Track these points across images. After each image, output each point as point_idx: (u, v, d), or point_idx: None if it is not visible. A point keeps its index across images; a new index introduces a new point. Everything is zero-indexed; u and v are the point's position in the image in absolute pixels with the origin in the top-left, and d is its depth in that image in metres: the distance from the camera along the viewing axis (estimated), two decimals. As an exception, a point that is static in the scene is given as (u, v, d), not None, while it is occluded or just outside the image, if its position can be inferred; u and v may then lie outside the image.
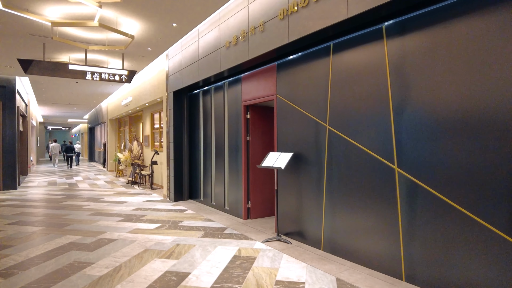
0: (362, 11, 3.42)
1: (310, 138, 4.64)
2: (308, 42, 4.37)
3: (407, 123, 3.44)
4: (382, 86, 3.65)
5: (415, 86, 3.36)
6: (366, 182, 3.85)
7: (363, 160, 3.88)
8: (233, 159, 6.50)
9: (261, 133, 6.31)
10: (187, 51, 7.38)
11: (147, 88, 10.49)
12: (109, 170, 16.88)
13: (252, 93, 5.88)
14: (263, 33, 4.83)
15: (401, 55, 3.48)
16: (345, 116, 4.09)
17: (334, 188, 4.26)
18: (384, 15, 3.58)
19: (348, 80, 4.04)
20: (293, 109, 4.91)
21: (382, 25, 3.67)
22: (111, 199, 8.68)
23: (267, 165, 4.92)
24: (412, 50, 3.38)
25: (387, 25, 3.62)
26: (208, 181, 7.57)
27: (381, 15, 3.59)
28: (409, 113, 3.41)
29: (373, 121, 3.76)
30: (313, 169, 4.59)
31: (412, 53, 3.38)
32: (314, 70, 4.53)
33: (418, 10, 3.32)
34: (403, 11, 3.45)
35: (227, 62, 5.79)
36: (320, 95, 4.45)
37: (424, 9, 3.25)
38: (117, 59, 8.42)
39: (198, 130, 8.06)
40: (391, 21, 3.59)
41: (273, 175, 6.43)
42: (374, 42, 3.73)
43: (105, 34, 6.41)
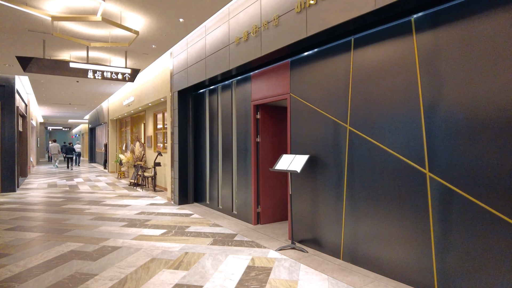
0: (392, 2, 3.12)
1: (328, 140, 4.34)
2: (327, 36, 4.07)
3: (440, 123, 3.14)
4: (411, 83, 3.36)
5: (449, 82, 3.06)
6: (392, 187, 3.55)
7: (389, 163, 3.58)
8: (242, 161, 6.20)
9: (271, 134, 6.01)
10: (193, 49, 7.08)
11: (150, 88, 10.20)
12: (110, 171, 16.59)
13: (262, 92, 5.58)
14: (277, 28, 4.53)
15: (433, 49, 3.18)
16: (369, 116, 3.79)
17: (356, 193, 3.96)
18: (413, 6, 3.28)
19: (372, 77, 3.74)
20: (308, 108, 4.61)
21: (411, 17, 3.37)
22: (114, 202, 8.38)
23: (281, 168, 4.62)
24: (445, 44, 3.09)
25: (417, 17, 3.33)
26: (214, 184, 7.27)
27: (410, 7, 3.30)
28: (442, 111, 3.12)
29: (400, 121, 3.46)
30: (331, 172, 4.29)
31: (445, 47, 3.08)
32: (332, 67, 4.24)
33: (451, 1, 3.02)
34: (435, 2, 3.15)
35: (237, 59, 5.50)
36: (339, 94, 4.15)
37: (459, 0, 2.96)
38: (119, 57, 8.13)
39: (203, 130, 7.76)
40: (420, 13, 3.29)
41: (284, 179, 6.13)
42: (402, 36, 3.44)
43: (108, 30, 6.11)
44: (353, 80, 3.97)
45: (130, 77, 7.54)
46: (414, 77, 3.34)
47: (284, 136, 6.15)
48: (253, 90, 5.84)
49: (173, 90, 8.24)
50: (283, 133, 6.14)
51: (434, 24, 3.18)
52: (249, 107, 5.95)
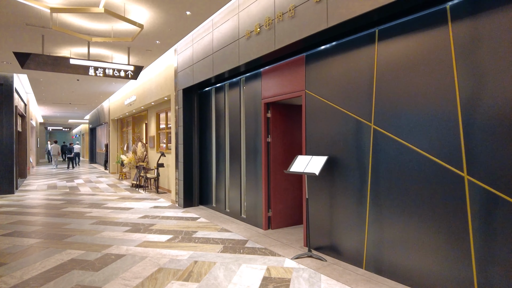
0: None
1: (348, 140, 4.02)
2: (349, 28, 3.75)
3: (480, 121, 2.82)
4: (447, 76, 3.04)
5: (491, 75, 2.74)
6: (424, 191, 3.23)
7: (420, 165, 3.26)
8: (251, 163, 5.88)
9: (282, 134, 5.69)
10: (199, 45, 6.77)
11: (153, 86, 9.89)
12: (111, 172, 16.27)
13: (274, 89, 5.26)
14: (293, 19, 4.22)
15: (472, 40, 2.86)
16: (396, 114, 3.47)
17: (381, 197, 3.64)
18: None
19: (400, 71, 3.42)
20: (326, 106, 4.30)
21: (446, 4, 3.05)
22: (115, 204, 8.06)
23: (297, 170, 4.30)
24: (486, 33, 2.77)
25: (453, 4, 3.01)
26: (221, 186, 6.95)
27: None
28: (483, 108, 2.80)
29: (434, 119, 3.14)
30: (352, 175, 3.97)
31: (486, 37, 2.76)
32: (353, 61, 3.92)
33: (498, -17, 2.71)
34: None
35: (247, 54, 5.18)
36: (361, 90, 3.83)
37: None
38: (122, 54, 7.81)
39: (209, 130, 7.45)
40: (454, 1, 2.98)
41: (296, 181, 5.81)
42: (436, 25, 3.12)
43: (111, 24, 5.79)
44: (377, 75, 3.65)
45: (133, 75, 7.23)
46: (449, 70, 3.02)
47: (296, 136, 5.83)
48: (263, 87, 5.52)
49: (178, 88, 7.92)
50: (295, 132, 5.82)
51: (474, 11, 2.86)
52: (259, 105, 5.64)
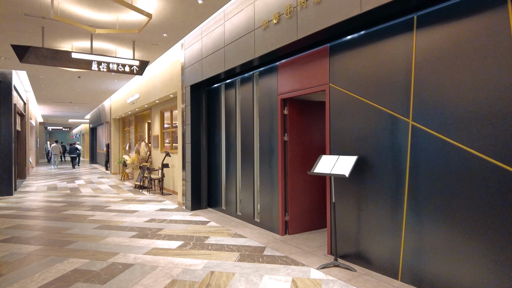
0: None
1: (381, 137, 3.63)
2: (387, 12, 3.36)
3: None
4: (505, 64, 2.65)
5: None
6: (475, 195, 2.84)
7: (471, 166, 2.87)
8: (266, 163, 5.49)
9: (300, 132, 5.31)
10: (209, 38, 6.38)
11: (157, 83, 9.50)
12: (112, 172, 15.88)
13: (292, 84, 4.88)
14: (319, 5, 3.83)
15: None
16: (440, 108, 3.08)
17: (421, 202, 3.25)
18: None
19: (445, 60, 3.03)
20: (354, 100, 3.91)
21: (504, -18, 2.67)
22: (119, 207, 7.67)
23: (322, 171, 3.91)
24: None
25: (512, -18, 2.62)
26: (231, 188, 6.56)
27: None
28: None
29: (487, 113, 2.75)
30: (386, 177, 3.58)
31: None
32: (387, 51, 3.53)
33: None
34: None
35: (264, 46, 4.79)
36: (397, 82, 3.45)
37: None
38: (126, 49, 7.42)
39: (219, 129, 7.06)
40: None
41: (313, 182, 5.42)
42: (491, 8, 2.73)
43: (116, 14, 5.41)
44: (416, 65, 3.26)
45: (138, 70, 6.84)
46: (509, 57, 2.63)
47: (314, 134, 5.44)
48: (280, 82, 5.14)
49: (185, 84, 7.53)
50: (313, 131, 5.43)
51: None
52: (275, 101, 5.25)
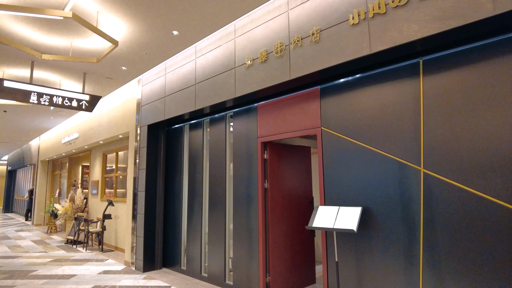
0: (516, 5, 2.37)
1: (388, 186, 3.31)
2: (397, 54, 3.20)
3: None
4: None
5: None
6: (505, 249, 2.56)
7: (496, 217, 2.63)
8: (242, 214, 4.84)
9: (281, 179, 4.83)
10: (176, 74, 5.82)
11: (104, 122, 8.45)
12: (35, 224, 13.47)
13: (275, 127, 4.48)
14: (317, 44, 3.58)
15: None
16: (455, 155, 2.88)
17: (440, 257, 2.90)
18: None
19: (457, 106, 2.89)
20: (353, 146, 3.60)
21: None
22: (49, 271, 6.16)
23: (323, 225, 3.42)
24: None
25: (524, 32, 2.63)
26: (195, 244, 5.68)
27: None
28: None
29: (508, 160, 2.59)
30: (396, 230, 3.21)
31: None
32: (391, 94, 3.35)
33: None
34: None
35: (248, 84, 4.38)
36: (404, 127, 3.23)
37: None
38: (73, 81, 6.48)
39: (179, 175, 6.27)
40: None
41: (296, 236, 4.87)
42: (501, 55, 2.69)
43: (70, 39, 4.63)
44: (425, 111, 3.09)
45: (88, 106, 5.92)
46: (532, 105, 2.55)
47: (296, 180, 5.01)
48: (260, 124, 4.71)
49: (141, 124, 6.72)
50: (295, 177, 5.00)
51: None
52: (254, 145, 4.77)
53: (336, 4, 3.45)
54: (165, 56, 5.40)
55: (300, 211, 4.99)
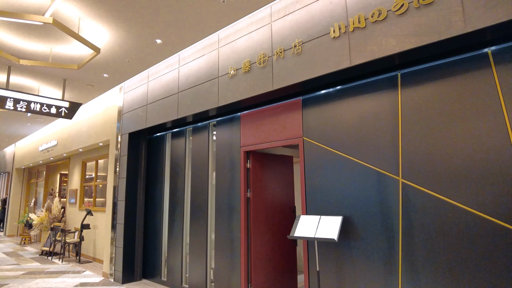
0: (486, 26, 2.50)
1: (368, 196, 3.37)
2: (377, 67, 3.30)
3: None
4: (496, 123, 2.67)
5: None
6: (481, 258, 2.65)
7: (472, 226, 2.72)
8: (224, 224, 4.81)
9: (264, 188, 4.84)
10: (159, 82, 5.79)
11: (84, 129, 8.26)
12: (8, 235, 12.91)
13: (258, 136, 4.50)
14: (300, 56, 3.66)
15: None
16: (434, 165, 2.97)
17: (419, 266, 2.97)
18: (490, 38, 2.73)
19: (436, 117, 3.00)
20: (334, 156, 3.66)
21: (488, 49, 2.80)
22: (21, 284, 5.91)
23: (305, 235, 3.44)
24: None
25: (494, 50, 2.77)
26: (176, 254, 5.59)
27: (486, 39, 2.74)
28: None
29: (485, 172, 2.70)
30: (376, 239, 3.27)
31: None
32: (370, 106, 3.44)
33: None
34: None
35: (232, 94, 4.40)
36: (382, 139, 3.31)
37: None
38: (52, 88, 6.34)
39: (161, 184, 6.19)
40: (498, 46, 2.75)
41: (277, 246, 4.87)
42: (477, 69, 2.82)
43: (50, 45, 4.54)
44: (403, 123, 3.19)
45: (67, 113, 5.80)
46: (500, 116, 2.67)
47: (278, 190, 5.03)
48: (243, 133, 4.73)
49: (122, 132, 6.61)
50: (277, 186, 5.02)
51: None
52: (237, 154, 4.77)
53: (318, 17, 3.54)
54: (148, 64, 5.37)
55: (283, 220, 5.00)
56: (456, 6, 2.64)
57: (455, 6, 2.65)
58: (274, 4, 4.01)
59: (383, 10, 3.01)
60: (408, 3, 2.87)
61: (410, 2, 2.87)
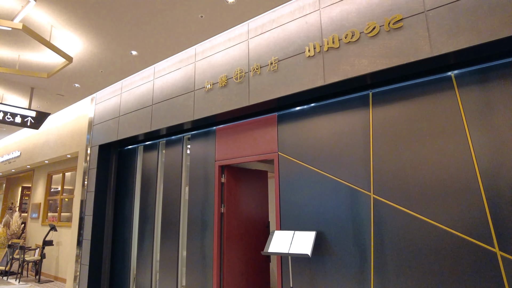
0: (449, 51, 2.68)
1: (340, 212, 3.43)
2: (348, 86, 3.41)
3: (505, 190, 2.60)
4: (460, 144, 2.83)
5: (509, 140, 2.62)
6: (447, 271, 2.74)
7: (440, 241, 2.82)
8: (196, 240, 4.70)
9: (238, 203, 4.80)
10: (132, 94, 5.68)
11: (51, 140, 7.90)
12: (-41, 253, 11.91)
13: (233, 150, 4.49)
14: (275, 73, 3.72)
15: (483, 104, 2.77)
16: (403, 183, 3.08)
17: (390, 281, 3.02)
18: (453, 62, 2.92)
19: (404, 137, 3.13)
20: (308, 172, 3.71)
21: (451, 73, 2.99)
22: (-29, 306, 5.43)
23: (278, 250, 3.43)
24: (495, 97, 2.72)
25: (457, 73, 2.96)
26: (145, 272, 5.37)
27: (449, 63, 2.93)
28: (505, 177, 2.60)
29: (451, 189, 2.83)
30: (348, 254, 3.31)
31: (496, 100, 2.71)
32: (343, 124, 3.54)
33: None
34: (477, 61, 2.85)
35: (207, 108, 4.39)
36: (355, 155, 3.41)
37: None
38: (18, 96, 6.06)
39: (131, 198, 5.99)
40: (459, 70, 2.94)
41: (252, 262, 4.81)
42: (441, 91, 2.99)
43: (17, 52, 4.37)
44: (374, 140, 3.30)
45: (34, 123, 5.54)
46: (463, 135, 2.83)
47: (252, 205, 5.00)
48: (218, 147, 4.70)
49: (92, 144, 6.39)
50: (251, 201, 5.00)
51: (482, 79, 2.83)
52: (211, 168, 4.72)
53: (294, 36, 3.65)
54: (122, 75, 5.28)
55: (257, 236, 4.96)
56: (422, 32, 2.81)
57: (421, 31, 2.82)
58: (251, 22, 4.09)
59: (356, 32, 3.15)
60: (379, 27, 3.03)
61: (381, 26, 3.02)
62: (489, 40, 2.52)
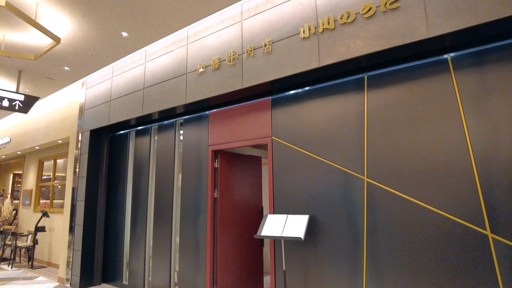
0: (446, 32, 2.62)
1: (334, 195, 3.42)
2: (342, 69, 3.35)
3: (498, 174, 2.59)
4: (455, 128, 2.81)
5: (504, 125, 2.60)
6: (439, 254, 2.76)
7: (432, 224, 2.83)
8: (189, 224, 4.68)
9: (231, 188, 4.78)
10: (123, 78, 5.56)
11: (41, 125, 7.76)
12: (-50, 239, 11.82)
13: (227, 135, 4.44)
14: (269, 55, 3.65)
15: (478, 88, 2.74)
16: (397, 166, 3.07)
17: (382, 263, 3.04)
18: (450, 44, 2.87)
19: (399, 121, 3.10)
20: (301, 156, 3.68)
21: (447, 55, 2.94)
22: (-37, 292, 5.41)
23: (271, 234, 3.42)
24: (493, 82, 2.69)
25: (453, 56, 2.92)
26: (139, 257, 5.36)
27: (446, 45, 2.87)
28: (498, 161, 2.59)
29: (444, 173, 2.82)
30: (342, 237, 3.31)
31: (494, 86, 2.68)
32: (337, 108, 3.49)
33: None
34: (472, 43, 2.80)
35: (200, 91, 4.31)
36: (349, 139, 3.38)
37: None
38: (5, 79, 5.89)
39: (123, 183, 5.93)
40: (455, 52, 2.90)
41: (245, 247, 4.82)
42: (438, 73, 2.95)
43: (2, 32, 4.21)
44: (369, 123, 3.27)
45: (22, 107, 5.41)
46: (458, 119, 2.81)
47: (246, 190, 4.98)
48: (211, 132, 4.64)
49: (83, 129, 6.28)
50: (245, 186, 4.97)
51: (478, 62, 2.79)
52: (204, 153, 4.67)
53: (288, 17, 3.56)
54: (113, 58, 5.14)
55: (250, 221, 4.96)
56: (419, 13, 2.75)
57: (418, 12, 2.75)
58: (245, 3, 3.98)
59: (352, 12, 3.08)
60: (375, 7, 2.95)
61: (377, 6, 2.95)
62: (487, 20, 2.47)
